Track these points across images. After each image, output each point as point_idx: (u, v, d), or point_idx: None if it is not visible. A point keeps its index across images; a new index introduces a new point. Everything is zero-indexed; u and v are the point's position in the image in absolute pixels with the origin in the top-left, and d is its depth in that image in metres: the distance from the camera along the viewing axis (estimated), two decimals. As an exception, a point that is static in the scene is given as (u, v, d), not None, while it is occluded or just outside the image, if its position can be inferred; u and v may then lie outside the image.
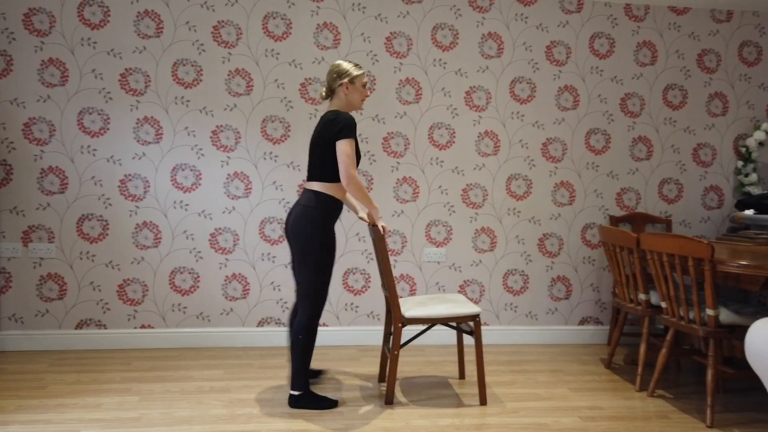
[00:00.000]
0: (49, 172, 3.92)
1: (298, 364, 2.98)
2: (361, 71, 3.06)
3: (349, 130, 2.91)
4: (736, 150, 4.51)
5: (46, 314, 3.95)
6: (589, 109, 4.37)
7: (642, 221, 4.40)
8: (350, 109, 3.09)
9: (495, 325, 4.37)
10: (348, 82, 3.03)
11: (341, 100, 3.06)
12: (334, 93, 3.07)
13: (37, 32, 3.87)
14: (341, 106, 3.06)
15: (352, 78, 3.03)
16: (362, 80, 3.07)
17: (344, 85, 3.03)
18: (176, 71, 4.00)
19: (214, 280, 4.10)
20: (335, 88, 3.06)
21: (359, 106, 3.11)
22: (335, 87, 3.05)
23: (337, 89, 3.05)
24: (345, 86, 3.03)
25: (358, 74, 3.04)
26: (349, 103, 3.07)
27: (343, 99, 3.05)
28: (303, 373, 3.00)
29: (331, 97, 3.10)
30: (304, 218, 2.95)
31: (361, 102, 3.10)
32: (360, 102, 3.09)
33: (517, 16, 4.27)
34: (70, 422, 2.82)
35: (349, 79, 3.03)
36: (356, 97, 3.07)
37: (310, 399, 3.05)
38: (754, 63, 4.48)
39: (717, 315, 3.01)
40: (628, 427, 2.91)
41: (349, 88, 3.04)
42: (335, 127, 2.91)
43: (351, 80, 3.03)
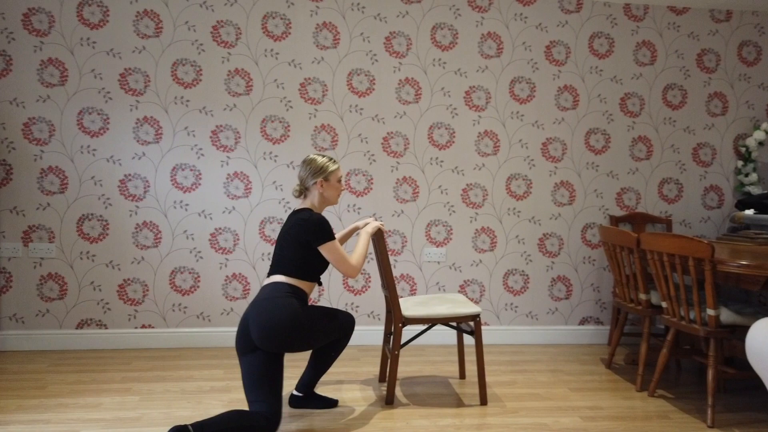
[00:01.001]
0: (49, 172, 3.92)
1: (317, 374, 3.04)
2: (336, 166, 2.90)
3: (326, 234, 2.75)
4: (736, 150, 4.51)
5: (46, 314, 3.95)
6: (588, 108, 4.37)
7: (642, 221, 4.40)
8: (325, 205, 2.93)
9: (495, 325, 4.37)
10: (323, 180, 2.86)
11: (315, 197, 2.89)
12: (308, 190, 2.89)
13: (37, 32, 3.87)
14: (314, 204, 2.89)
15: (326, 175, 2.86)
16: (337, 176, 2.90)
17: (319, 183, 2.85)
18: (176, 71, 4.00)
19: (215, 280, 4.09)
20: (309, 186, 2.88)
21: (335, 202, 2.95)
22: (309, 185, 2.88)
23: (311, 187, 2.87)
24: (320, 184, 2.86)
25: (332, 170, 2.88)
26: (325, 199, 2.91)
27: (318, 197, 2.88)
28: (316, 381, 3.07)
29: (305, 194, 2.92)
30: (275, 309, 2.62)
31: (337, 198, 2.94)
32: (336, 198, 2.93)
33: (517, 15, 4.27)
34: (70, 422, 2.81)
35: (324, 177, 2.86)
36: (332, 194, 2.91)
37: (311, 399, 3.06)
38: (753, 63, 4.49)
39: (718, 315, 3.01)
40: (629, 427, 2.91)
41: (323, 185, 2.87)
42: (310, 235, 2.73)
43: (325, 177, 2.87)
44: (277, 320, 2.58)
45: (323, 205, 2.92)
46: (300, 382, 3.06)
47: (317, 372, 3.03)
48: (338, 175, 2.92)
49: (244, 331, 2.62)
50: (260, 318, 2.59)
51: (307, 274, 2.80)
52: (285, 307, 2.62)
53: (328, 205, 2.95)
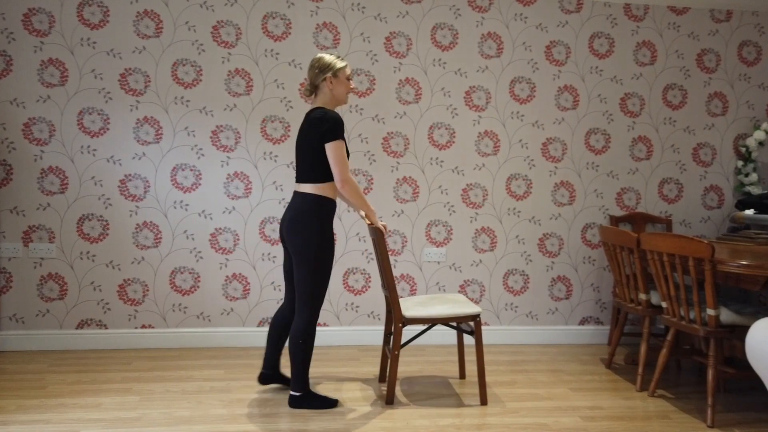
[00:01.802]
0: (49, 172, 3.92)
1: (299, 367, 2.96)
2: (344, 63, 2.95)
3: (337, 131, 2.82)
4: (736, 150, 4.51)
5: (46, 314, 3.95)
6: (588, 109, 4.37)
7: (642, 221, 4.40)
8: (336, 104, 2.99)
9: (495, 325, 4.37)
10: (331, 76, 2.91)
11: (326, 95, 2.95)
12: (318, 89, 2.96)
13: (37, 32, 3.87)
14: (326, 101, 2.96)
15: (335, 71, 2.92)
16: (346, 72, 2.95)
17: (328, 79, 2.91)
18: (176, 71, 4.00)
19: (215, 280, 4.10)
20: (318, 84, 2.94)
21: (345, 100, 3.01)
22: (318, 82, 2.93)
23: (321, 84, 2.93)
24: (329, 80, 2.92)
25: (341, 66, 2.93)
26: (335, 97, 2.96)
27: (328, 94, 2.94)
28: (304, 374, 2.99)
29: (315, 93, 2.98)
30: (299, 223, 2.88)
31: (347, 95, 3.00)
32: (345, 96, 2.99)
33: (517, 15, 4.27)
34: (70, 422, 2.81)
35: (332, 73, 2.91)
36: (341, 91, 2.96)
37: (311, 399, 3.04)
38: (753, 63, 4.49)
39: (717, 315, 3.01)
40: (629, 427, 2.91)
41: (333, 82, 2.92)
42: (323, 127, 2.82)
43: (334, 74, 2.92)
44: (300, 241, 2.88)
45: (334, 104, 2.98)
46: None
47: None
48: (347, 72, 2.97)
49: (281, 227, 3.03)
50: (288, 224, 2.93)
51: (329, 174, 2.90)
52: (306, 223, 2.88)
53: (338, 104, 3.00)
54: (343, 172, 2.84)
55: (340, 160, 2.83)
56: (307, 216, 2.87)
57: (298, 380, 2.99)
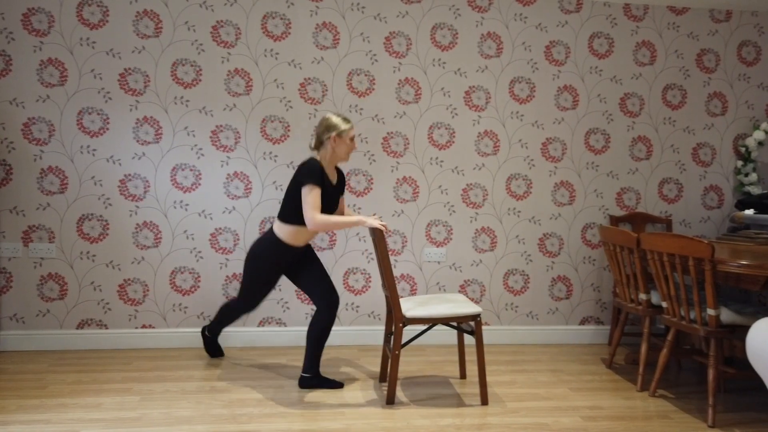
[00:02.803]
0: (48, 172, 3.91)
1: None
2: (349, 125, 3.21)
3: (312, 176, 3.11)
4: (736, 150, 4.51)
5: (46, 314, 3.95)
6: (588, 108, 4.37)
7: (642, 221, 4.40)
8: (336, 160, 3.27)
9: (496, 324, 4.37)
10: (336, 136, 3.19)
11: (327, 151, 3.23)
12: (323, 144, 3.24)
13: (36, 32, 3.86)
14: (326, 156, 3.24)
15: (340, 132, 3.19)
16: (350, 134, 3.22)
17: (332, 138, 3.19)
18: (175, 71, 4.00)
19: (215, 280, 4.09)
20: (324, 140, 3.23)
21: (345, 159, 3.27)
22: (324, 139, 3.22)
23: (326, 141, 3.22)
24: (333, 139, 3.20)
25: (345, 128, 3.20)
26: (336, 154, 3.24)
27: (330, 150, 3.22)
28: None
29: (320, 147, 3.26)
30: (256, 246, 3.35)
31: (347, 155, 3.26)
32: (346, 154, 3.25)
33: (517, 15, 4.27)
34: (71, 422, 2.81)
35: (337, 133, 3.19)
36: (343, 150, 3.23)
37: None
38: (753, 63, 4.49)
39: (718, 315, 3.01)
40: (629, 427, 2.91)
41: (336, 141, 3.20)
42: (301, 173, 3.15)
43: (339, 134, 3.19)
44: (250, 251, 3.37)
45: (334, 160, 3.27)
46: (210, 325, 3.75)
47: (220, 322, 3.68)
48: (351, 134, 3.23)
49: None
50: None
51: (299, 217, 3.20)
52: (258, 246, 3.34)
53: (338, 161, 3.28)
54: (309, 213, 3.11)
55: (310, 204, 3.11)
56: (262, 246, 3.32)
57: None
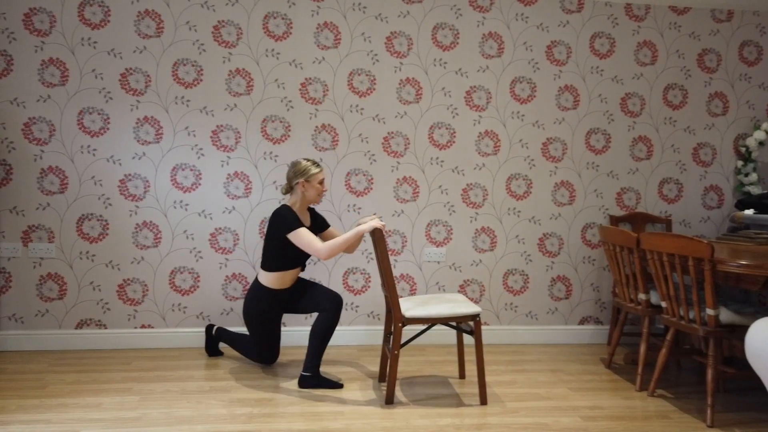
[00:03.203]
0: (49, 172, 3.92)
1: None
2: (318, 170, 3.34)
3: (290, 222, 3.25)
4: (736, 150, 4.51)
5: (46, 314, 3.95)
6: (589, 108, 4.37)
7: (642, 221, 4.40)
8: (306, 204, 3.41)
9: (495, 324, 4.37)
10: (305, 181, 3.33)
11: (297, 195, 3.38)
12: (293, 189, 3.39)
13: (38, 32, 3.87)
14: (296, 200, 3.38)
15: (308, 177, 3.33)
16: (318, 178, 3.35)
17: (301, 183, 3.34)
18: (176, 71, 4.00)
19: (215, 279, 4.10)
20: (293, 185, 3.37)
21: (317, 201, 3.41)
22: (293, 184, 3.37)
23: (295, 186, 3.37)
24: (302, 184, 3.34)
25: (315, 172, 3.33)
26: (305, 198, 3.38)
27: (300, 195, 3.37)
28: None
29: (291, 192, 3.41)
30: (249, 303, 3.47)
31: (318, 197, 3.39)
32: (317, 197, 3.39)
33: (518, 15, 4.27)
34: (70, 422, 2.82)
35: (305, 178, 3.33)
36: (312, 194, 3.37)
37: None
38: (754, 63, 4.49)
39: (717, 315, 3.01)
40: (629, 427, 2.91)
41: (305, 185, 3.35)
42: (280, 225, 3.28)
43: (307, 179, 3.33)
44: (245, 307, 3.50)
45: (305, 203, 3.41)
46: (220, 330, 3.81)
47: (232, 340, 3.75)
48: (319, 177, 3.36)
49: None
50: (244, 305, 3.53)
51: (280, 264, 3.36)
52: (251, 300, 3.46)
53: (309, 203, 3.43)
54: (314, 250, 3.22)
55: (306, 244, 3.23)
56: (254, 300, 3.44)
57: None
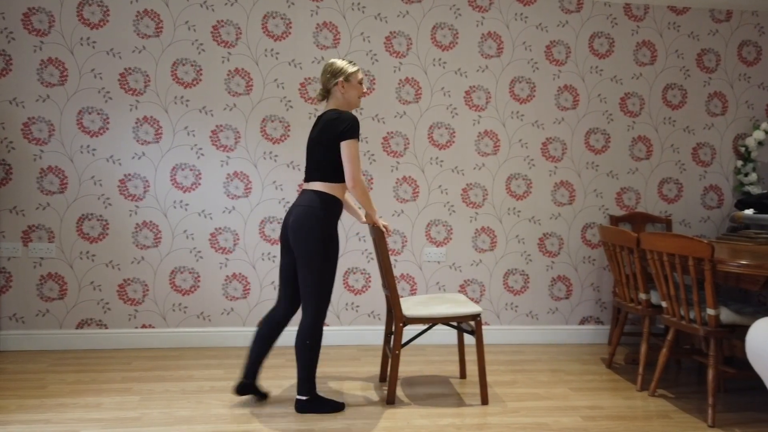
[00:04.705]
0: (48, 171, 3.91)
1: (305, 370, 2.92)
2: (356, 68, 2.98)
3: (354, 131, 2.85)
4: (736, 149, 4.51)
5: (46, 314, 3.95)
6: (588, 108, 4.37)
7: (642, 221, 4.40)
8: (349, 107, 3.00)
9: (495, 324, 4.37)
10: (343, 80, 2.95)
11: (338, 99, 2.97)
12: (330, 93, 2.99)
13: (37, 32, 3.86)
14: (339, 105, 2.98)
15: (347, 76, 2.95)
16: (357, 77, 2.98)
17: (340, 83, 2.94)
18: (176, 71, 3.99)
19: (215, 279, 4.09)
20: (331, 88, 2.97)
21: (357, 104, 3.03)
22: (330, 87, 2.97)
23: (333, 89, 2.97)
24: (341, 85, 2.95)
25: (353, 71, 2.96)
26: (347, 101, 2.99)
27: (340, 98, 2.97)
28: (311, 377, 2.94)
29: (328, 97, 3.01)
30: (308, 219, 2.85)
31: (359, 99, 3.02)
32: (358, 99, 3.02)
33: (517, 15, 4.27)
34: (71, 422, 2.81)
35: (344, 77, 2.94)
36: (353, 95, 2.99)
37: (318, 403, 2.98)
38: (753, 63, 4.49)
39: (717, 314, 3.01)
40: (629, 427, 2.91)
41: (345, 86, 2.95)
42: (340, 127, 2.85)
43: (346, 78, 2.95)
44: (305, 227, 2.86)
45: (347, 107, 3.00)
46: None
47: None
48: (359, 77, 2.99)
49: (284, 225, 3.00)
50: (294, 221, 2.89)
51: (340, 175, 2.93)
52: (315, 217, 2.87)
53: (351, 107, 3.02)
54: (356, 172, 2.87)
55: (354, 160, 2.86)
56: (313, 216, 2.86)
57: (304, 384, 2.94)
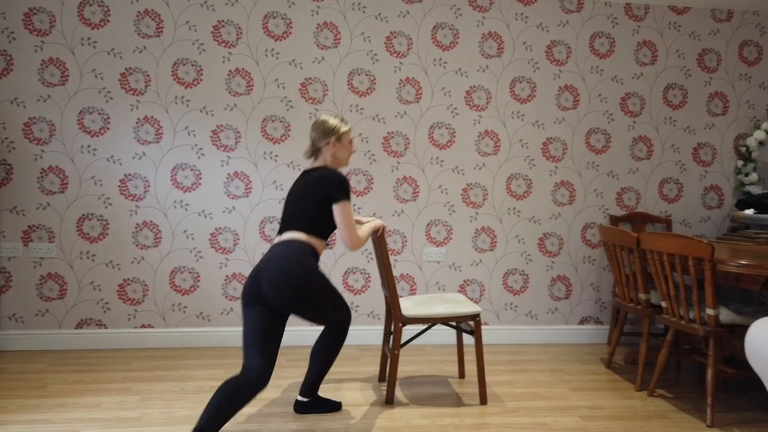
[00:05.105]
0: (49, 171, 3.92)
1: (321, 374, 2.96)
2: (347, 127, 2.91)
3: (347, 192, 2.77)
4: (737, 149, 4.51)
5: (46, 314, 3.96)
6: (589, 108, 4.37)
7: (642, 221, 4.40)
8: (338, 166, 2.93)
9: (495, 324, 4.37)
10: (335, 140, 2.87)
11: (328, 157, 2.89)
12: (320, 151, 2.90)
13: (38, 32, 3.87)
14: (329, 163, 2.89)
15: (339, 135, 2.87)
16: (349, 136, 2.92)
17: (332, 142, 2.86)
18: (176, 71, 4.00)
19: (215, 279, 4.10)
20: (321, 147, 2.88)
21: (347, 163, 2.97)
22: (321, 145, 2.88)
23: (324, 147, 2.88)
24: (332, 144, 2.86)
25: (345, 131, 2.89)
26: (337, 160, 2.91)
27: (330, 157, 2.88)
28: (320, 381, 2.99)
29: (317, 155, 2.92)
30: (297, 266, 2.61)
31: (349, 158, 2.96)
32: (347, 159, 2.94)
33: (518, 15, 4.26)
34: (71, 422, 2.82)
35: (336, 137, 2.87)
36: (344, 154, 2.92)
37: (317, 403, 3.01)
38: (754, 62, 4.48)
39: (717, 314, 3.01)
40: (629, 427, 2.91)
41: (336, 145, 2.87)
42: (332, 188, 2.74)
43: (338, 137, 2.87)
44: (292, 274, 2.57)
45: (336, 166, 2.92)
46: (303, 386, 3.00)
47: (320, 373, 2.97)
48: (350, 136, 2.93)
49: (254, 284, 2.61)
50: (275, 273, 2.57)
51: (322, 231, 2.78)
52: (301, 264, 2.61)
53: (339, 166, 2.94)
54: (353, 234, 2.77)
55: (350, 222, 2.76)
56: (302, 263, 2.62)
57: (314, 386, 2.98)
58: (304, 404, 3.00)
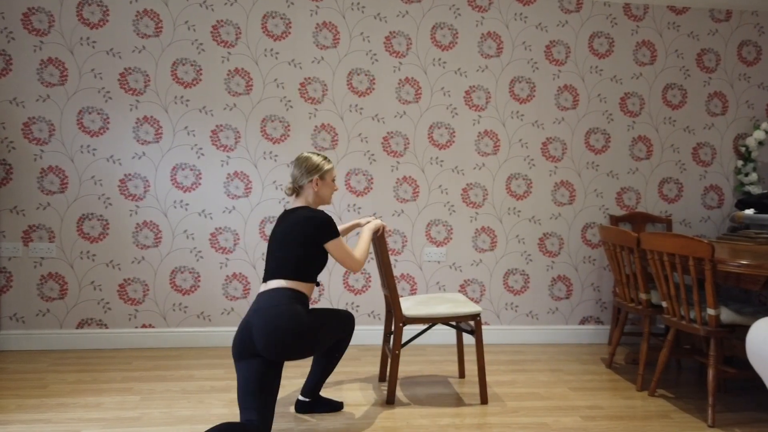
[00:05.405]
0: (49, 171, 3.91)
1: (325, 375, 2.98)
2: (330, 165, 2.85)
3: (335, 230, 2.74)
4: (736, 149, 4.51)
5: (46, 314, 3.95)
6: (588, 108, 4.37)
7: (642, 221, 4.40)
8: (320, 204, 2.88)
9: (495, 324, 4.37)
10: (318, 178, 2.81)
11: (310, 195, 2.83)
12: (302, 188, 2.83)
13: (36, 32, 3.86)
14: (310, 202, 2.84)
15: (322, 174, 2.81)
16: (332, 175, 2.87)
17: (315, 180, 2.80)
18: (176, 71, 4.00)
19: (215, 279, 4.09)
20: (303, 184, 2.82)
21: (329, 201, 2.91)
22: (304, 183, 2.81)
23: (306, 185, 2.81)
24: (315, 182, 2.81)
25: (328, 169, 2.83)
26: (320, 198, 2.85)
27: (312, 195, 2.83)
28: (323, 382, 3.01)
29: (299, 192, 2.85)
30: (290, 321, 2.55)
31: (331, 197, 2.90)
32: (330, 197, 2.89)
33: (517, 15, 4.27)
34: (71, 422, 2.81)
35: (320, 175, 2.81)
36: (327, 193, 2.86)
37: (318, 403, 3.01)
38: (753, 62, 4.49)
39: (718, 314, 3.01)
40: (629, 427, 2.91)
41: (319, 184, 2.82)
42: (320, 228, 2.70)
43: (321, 176, 2.81)
44: (284, 329, 2.51)
45: (318, 204, 2.87)
46: (305, 386, 3.00)
47: (322, 374, 2.97)
48: (333, 174, 2.88)
49: (244, 338, 2.53)
50: (266, 327, 2.50)
51: (308, 275, 2.72)
52: (291, 315, 2.55)
53: (322, 204, 2.89)
54: (353, 263, 2.80)
55: (348, 255, 2.77)
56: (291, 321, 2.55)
57: (317, 387, 3.00)
58: (305, 404, 3.01)
